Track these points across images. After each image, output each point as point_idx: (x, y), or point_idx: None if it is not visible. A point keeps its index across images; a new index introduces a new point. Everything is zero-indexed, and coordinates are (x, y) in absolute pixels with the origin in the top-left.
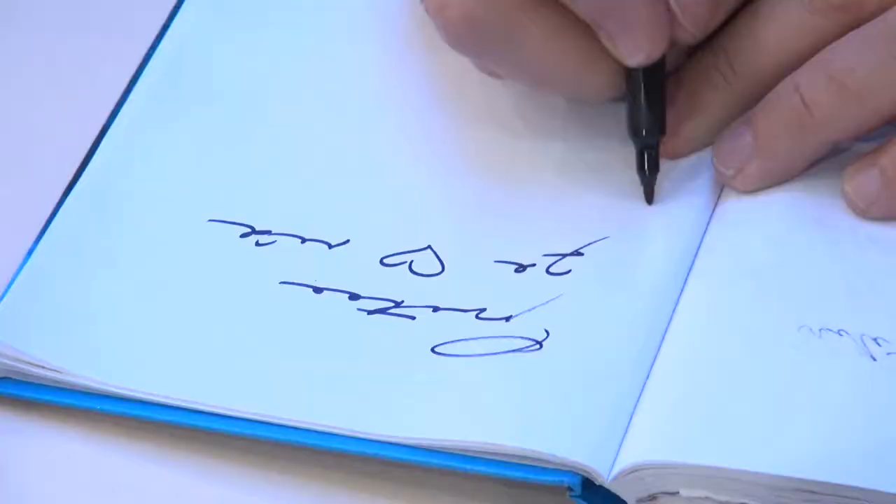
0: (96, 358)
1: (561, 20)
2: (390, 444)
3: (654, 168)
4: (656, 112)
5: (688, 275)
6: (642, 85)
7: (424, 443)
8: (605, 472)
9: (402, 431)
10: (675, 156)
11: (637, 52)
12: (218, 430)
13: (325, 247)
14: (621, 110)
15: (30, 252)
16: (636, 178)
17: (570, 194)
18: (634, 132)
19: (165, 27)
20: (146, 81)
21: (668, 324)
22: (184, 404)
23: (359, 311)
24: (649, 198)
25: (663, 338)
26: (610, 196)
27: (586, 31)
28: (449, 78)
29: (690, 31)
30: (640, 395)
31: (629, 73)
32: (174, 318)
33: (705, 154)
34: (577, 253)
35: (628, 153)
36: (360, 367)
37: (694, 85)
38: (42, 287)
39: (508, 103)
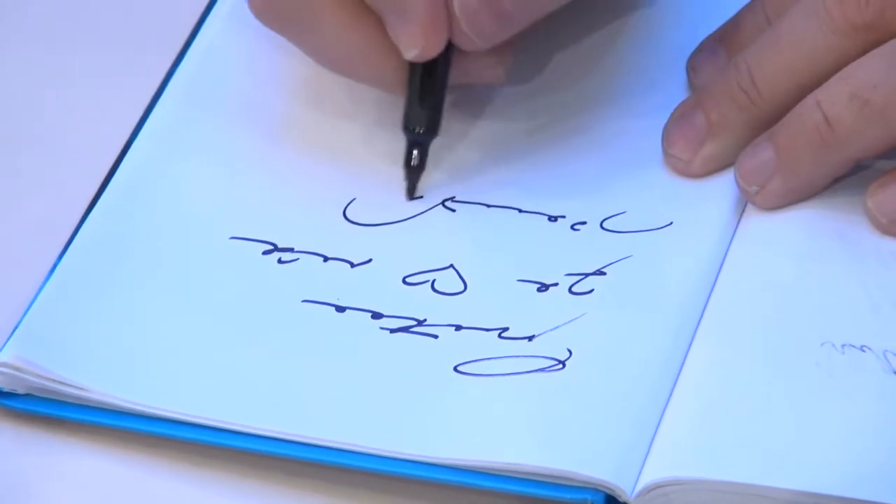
0: (119, 375)
1: (356, 8)
2: (413, 462)
3: (421, 166)
4: (429, 110)
5: (710, 292)
6: (419, 81)
7: (447, 461)
8: (629, 489)
9: (424, 450)
10: (699, 174)
11: (412, 46)
12: (238, 447)
13: (348, 265)
14: (648, 129)
15: (52, 269)
16: (657, 198)
17: (593, 213)
18: (405, 127)
19: (189, 42)
20: (169, 97)
21: (691, 341)
22: (205, 422)
23: (381, 330)
24: (410, 193)
25: (686, 355)
26: (632, 215)
27: (379, 22)
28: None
29: (472, 38)
30: (664, 412)
31: (410, 67)
32: (196, 335)
33: (728, 172)
34: (600, 272)
35: (650, 174)
36: (382, 386)
37: (717, 104)
38: (65, 304)
39: (530, 123)
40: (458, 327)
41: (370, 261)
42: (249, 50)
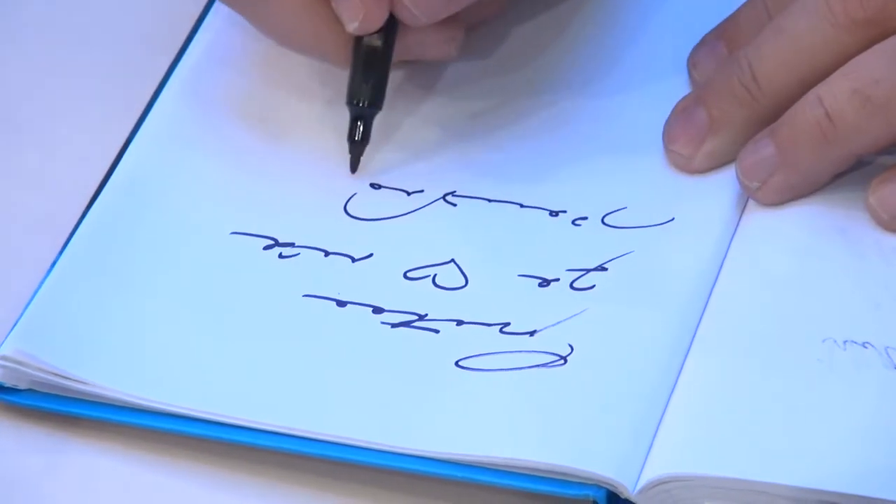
0: (120, 369)
1: None
2: (414, 457)
3: (365, 139)
4: (372, 83)
5: (712, 288)
6: (362, 54)
7: (448, 456)
8: (631, 486)
9: (425, 445)
10: (701, 170)
11: (353, 18)
12: (240, 442)
13: (349, 260)
14: (650, 124)
15: (53, 264)
16: (658, 194)
17: (594, 209)
18: (349, 100)
19: (188, 40)
20: (169, 94)
21: (693, 337)
22: (206, 416)
23: (382, 325)
24: (353, 166)
25: (688, 351)
26: (634, 211)
27: None
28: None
29: (414, 13)
30: (665, 408)
31: (355, 41)
32: (196, 330)
33: (729, 168)
34: (601, 268)
35: (652, 170)
36: (383, 381)
37: (718, 100)
38: (65, 299)
39: (533, 118)
40: (460, 322)
41: (371, 255)
42: (248, 47)
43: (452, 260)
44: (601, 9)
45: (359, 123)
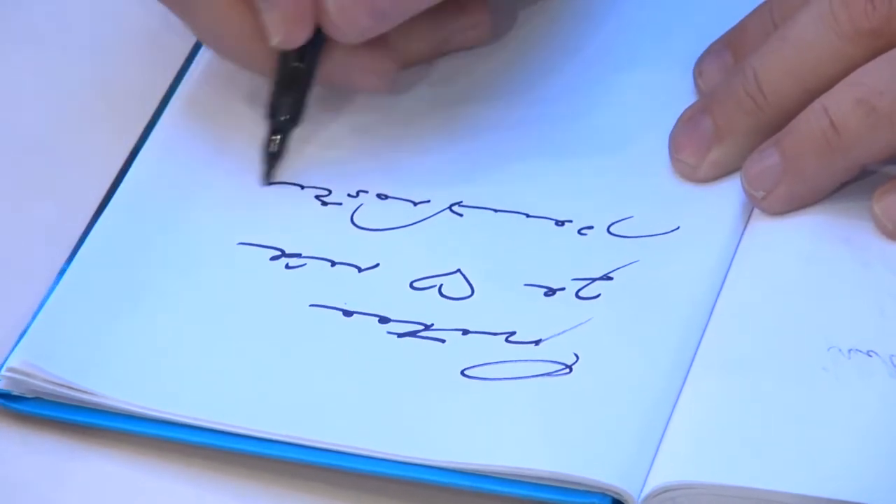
0: (126, 379)
1: None
2: (420, 466)
3: (279, 153)
4: (292, 98)
5: (717, 297)
6: (285, 69)
7: (454, 465)
8: (636, 494)
9: (431, 454)
10: (706, 179)
11: (275, 33)
12: (246, 451)
13: (355, 270)
14: (655, 134)
15: (60, 275)
16: (664, 203)
17: (600, 218)
18: (270, 113)
19: (196, 49)
20: (176, 104)
21: (698, 346)
22: (213, 426)
23: (388, 335)
24: (265, 178)
25: (693, 359)
26: (639, 220)
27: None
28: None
29: (342, 30)
30: (671, 416)
31: (280, 55)
32: (203, 340)
33: (734, 177)
34: (607, 277)
35: (657, 179)
36: (389, 390)
37: (724, 109)
38: (73, 309)
39: (538, 128)
40: (466, 331)
41: (377, 265)
42: None
43: (458, 270)
44: (606, 19)
45: (275, 137)
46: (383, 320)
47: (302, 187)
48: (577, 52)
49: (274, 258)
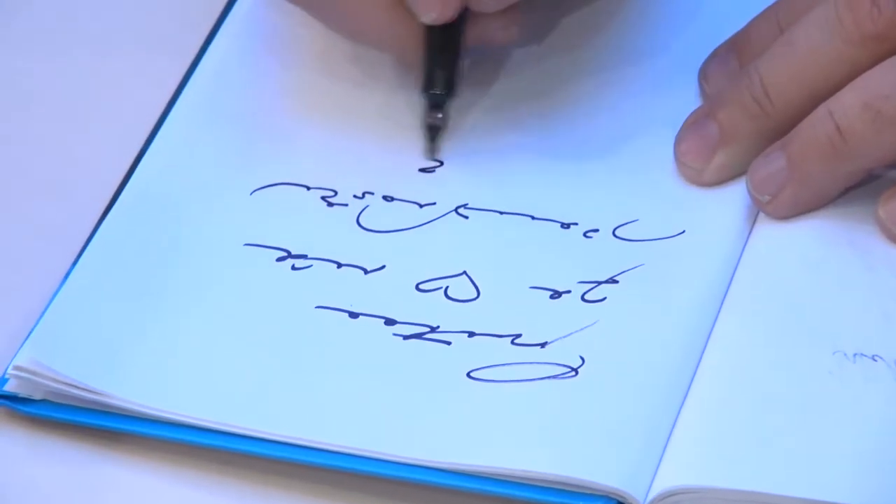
0: (133, 380)
1: None
2: (425, 468)
3: (442, 126)
4: (447, 71)
5: (722, 301)
6: (436, 43)
7: (459, 467)
8: (641, 497)
9: (436, 456)
10: (711, 183)
11: (430, 10)
12: (252, 452)
13: (361, 272)
14: (661, 137)
15: (67, 274)
16: (669, 206)
17: (605, 221)
18: (425, 88)
19: (203, 49)
20: (184, 104)
21: (704, 349)
22: (220, 427)
23: (394, 336)
24: (430, 153)
25: (698, 363)
26: (645, 223)
27: None
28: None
29: (486, 0)
30: (676, 420)
31: (427, 31)
32: (209, 340)
33: (740, 181)
34: (612, 280)
35: (663, 183)
36: (395, 392)
37: (729, 113)
38: (79, 309)
39: (544, 131)
40: (471, 334)
41: (383, 267)
42: (263, 58)
43: (464, 272)
44: (611, 22)
45: (435, 112)
46: (389, 322)
47: (308, 188)
48: (582, 56)
49: (280, 259)
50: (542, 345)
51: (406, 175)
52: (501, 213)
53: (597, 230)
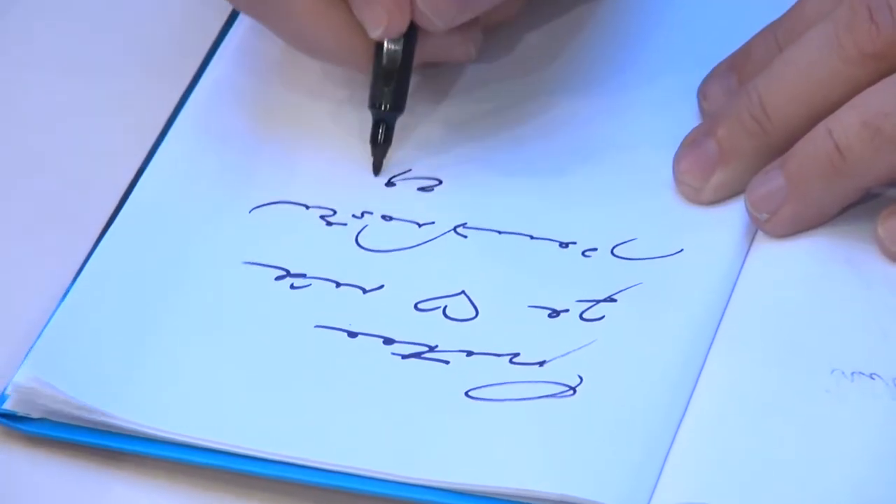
0: (131, 399)
1: None
2: (424, 487)
3: (387, 141)
4: (395, 88)
5: (721, 319)
6: (384, 59)
7: (458, 486)
8: None
9: (435, 475)
10: (710, 202)
11: (376, 25)
12: (251, 472)
13: (360, 291)
14: (659, 156)
15: (66, 293)
16: (668, 225)
17: (604, 240)
18: (372, 104)
19: (201, 71)
20: (183, 122)
21: (702, 367)
22: (218, 447)
23: (393, 356)
24: (376, 169)
25: (696, 382)
26: (643, 242)
27: (346, 3)
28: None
29: (433, 20)
30: (674, 439)
31: (376, 46)
32: (208, 360)
33: (739, 199)
34: (611, 299)
35: (661, 201)
36: (393, 411)
37: (728, 131)
38: (78, 328)
39: (542, 150)
40: (470, 353)
41: (382, 287)
42: (262, 78)
43: (463, 291)
44: (611, 42)
45: (381, 127)
46: (388, 341)
47: (307, 207)
48: (580, 75)
49: (279, 278)
50: (541, 363)
51: (405, 194)
52: (500, 232)
53: (595, 249)
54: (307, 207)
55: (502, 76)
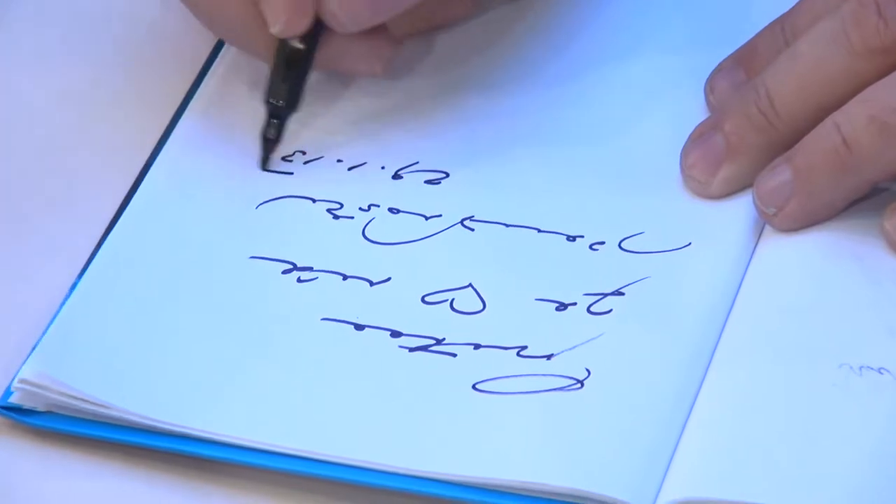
0: (138, 392)
1: None
2: (431, 480)
3: (277, 138)
4: (290, 85)
5: (728, 313)
6: (284, 55)
7: (465, 479)
8: None
9: (442, 468)
10: (717, 196)
11: (276, 20)
12: (258, 465)
13: (367, 284)
14: (667, 150)
15: (72, 287)
16: (675, 219)
17: (611, 233)
18: (266, 98)
19: (208, 64)
20: (188, 118)
21: (709, 362)
22: (226, 439)
23: (400, 349)
24: (263, 163)
25: (704, 375)
26: (651, 236)
27: None
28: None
29: (340, 19)
30: (682, 432)
31: (279, 41)
32: (215, 353)
33: (746, 193)
34: (618, 292)
35: (669, 195)
36: (400, 404)
37: (736, 126)
38: (85, 322)
39: (551, 144)
40: (477, 346)
41: (389, 279)
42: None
43: (470, 284)
44: (619, 36)
45: (273, 122)
46: (395, 334)
47: (314, 200)
48: (589, 70)
49: (286, 272)
50: (548, 357)
51: (412, 187)
52: (507, 225)
53: (603, 242)
54: (314, 201)
55: (509, 69)
